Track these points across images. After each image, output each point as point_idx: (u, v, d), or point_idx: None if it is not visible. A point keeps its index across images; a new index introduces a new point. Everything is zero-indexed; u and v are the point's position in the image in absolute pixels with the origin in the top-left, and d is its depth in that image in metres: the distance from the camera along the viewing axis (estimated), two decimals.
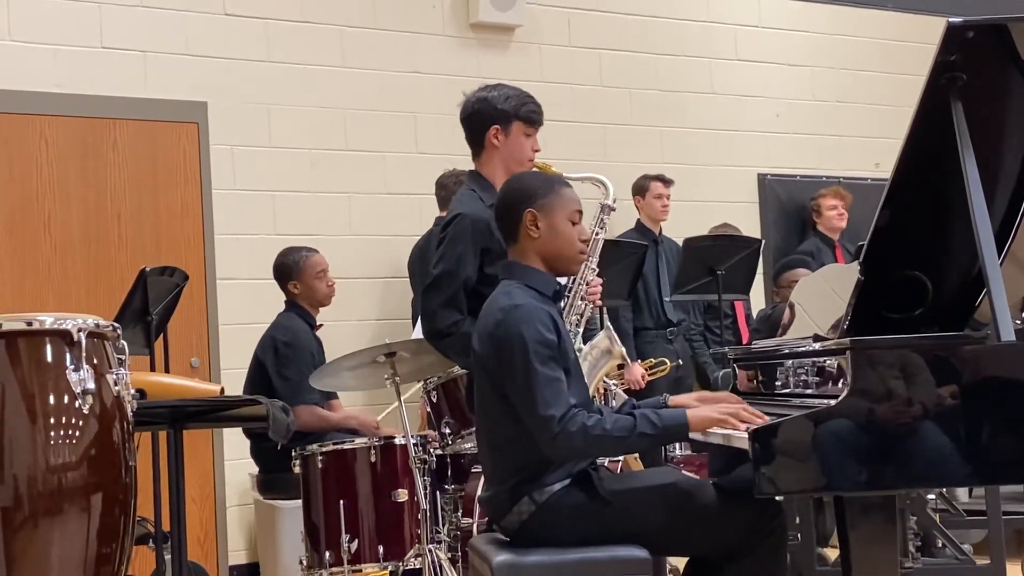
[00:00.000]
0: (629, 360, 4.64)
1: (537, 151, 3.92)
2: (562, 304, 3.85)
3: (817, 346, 3.16)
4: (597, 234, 4.00)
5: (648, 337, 6.53)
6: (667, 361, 6.27)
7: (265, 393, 4.72)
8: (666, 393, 3.54)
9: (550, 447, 3.00)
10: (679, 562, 3.96)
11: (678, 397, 3.40)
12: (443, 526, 4.36)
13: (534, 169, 3.87)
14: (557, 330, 3.09)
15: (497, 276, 3.38)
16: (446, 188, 5.90)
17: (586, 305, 3.93)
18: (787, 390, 3.33)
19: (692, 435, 3.23)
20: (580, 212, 3.24)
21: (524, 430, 3.04)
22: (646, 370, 6.26)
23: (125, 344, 3.01)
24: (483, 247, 3.72)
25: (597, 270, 3.99)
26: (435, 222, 5.88)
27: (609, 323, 4.63)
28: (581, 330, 3.95)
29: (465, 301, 3.71)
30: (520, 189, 3.23)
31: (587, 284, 3.94)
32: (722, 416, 3.04)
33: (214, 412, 3.91)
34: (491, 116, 3.86)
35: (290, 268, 5.37)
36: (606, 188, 4.06)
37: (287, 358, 5.19)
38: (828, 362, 3.05)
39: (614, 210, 4.10)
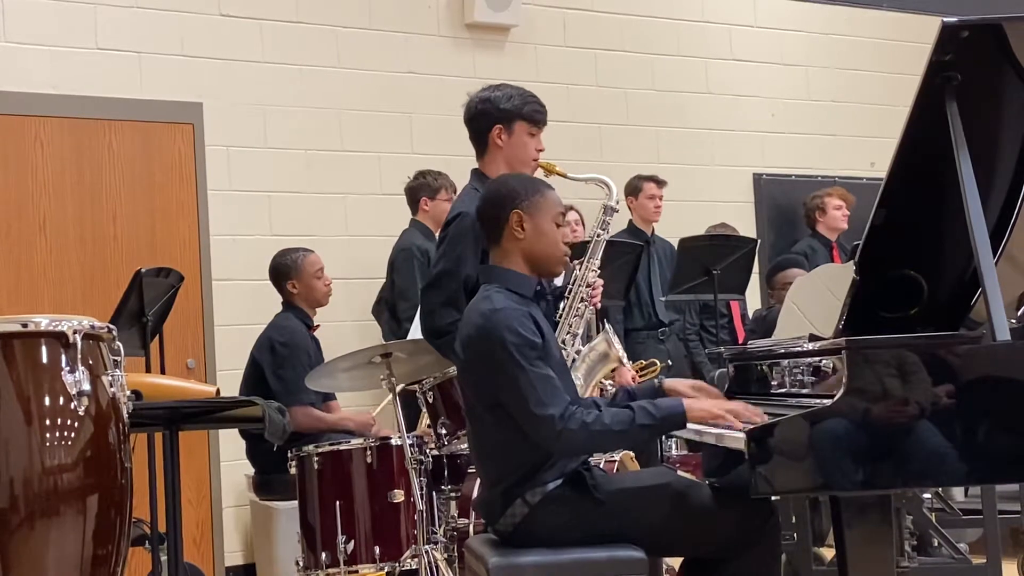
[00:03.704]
0: (627, 363, 4.64)
1: (541, 150, 3.92)
2: (561, 305, 3.84)
3: (813, 346, 3.16)
4: (599, 235, 3.99)
5: (639, 338, 6.51)
6: (657, 362, 6.26)
7: (262, 394, 4.71)
8: (661, 376, 3.51)
9: (553, 445, 3.01)
10: (675, 562, 3.96)
11: (672, 381, 3.33)
12: (439, 527, 4.36)
13: (538, 169, 3.88)
14: (540, 330, 3.09)
15: None
16: (415, 198, 5.98)
17: (586, 307, 3.92)
18: (783, 390, 3.33)
19: (688, 436, 3.23)
20: (563, 214, 3.26)
21: (512, 432, 3.04)
22: (637, 371, 6.25)
23: (121, 345, 3.01)
24: (484, 247, 3.71)
25: (599, 271, 3.97)
26: (410, 223, 5.94)
27: (609, 325, 4.62)
28: (581, 331, 3.94)
29: (465, 300, 3.71)
30: (505, 190, 3.23)
31: (588, 286, 3.93)
32: (721, 412, 3.03)
33: (210, 413, 3.91)
34: (494, 116, 3.86)
35: (288, 268, 5.37)
36: (609, 189, 4.05)
37: (283, 358, 5.19)
38: (824, 362, 3.05)
39: (616, 211, 4.09)
